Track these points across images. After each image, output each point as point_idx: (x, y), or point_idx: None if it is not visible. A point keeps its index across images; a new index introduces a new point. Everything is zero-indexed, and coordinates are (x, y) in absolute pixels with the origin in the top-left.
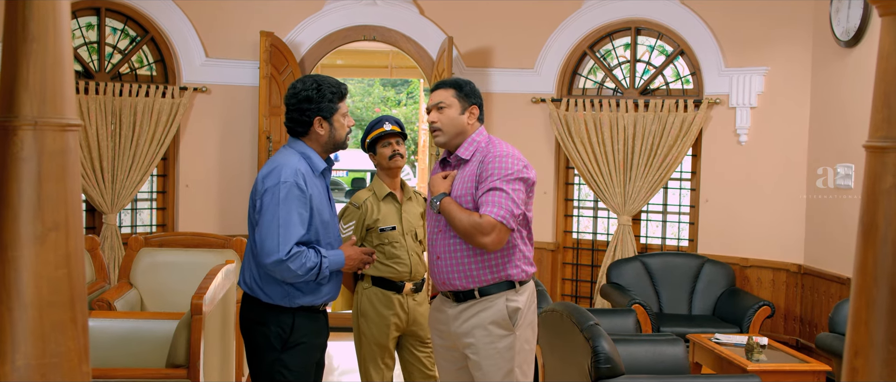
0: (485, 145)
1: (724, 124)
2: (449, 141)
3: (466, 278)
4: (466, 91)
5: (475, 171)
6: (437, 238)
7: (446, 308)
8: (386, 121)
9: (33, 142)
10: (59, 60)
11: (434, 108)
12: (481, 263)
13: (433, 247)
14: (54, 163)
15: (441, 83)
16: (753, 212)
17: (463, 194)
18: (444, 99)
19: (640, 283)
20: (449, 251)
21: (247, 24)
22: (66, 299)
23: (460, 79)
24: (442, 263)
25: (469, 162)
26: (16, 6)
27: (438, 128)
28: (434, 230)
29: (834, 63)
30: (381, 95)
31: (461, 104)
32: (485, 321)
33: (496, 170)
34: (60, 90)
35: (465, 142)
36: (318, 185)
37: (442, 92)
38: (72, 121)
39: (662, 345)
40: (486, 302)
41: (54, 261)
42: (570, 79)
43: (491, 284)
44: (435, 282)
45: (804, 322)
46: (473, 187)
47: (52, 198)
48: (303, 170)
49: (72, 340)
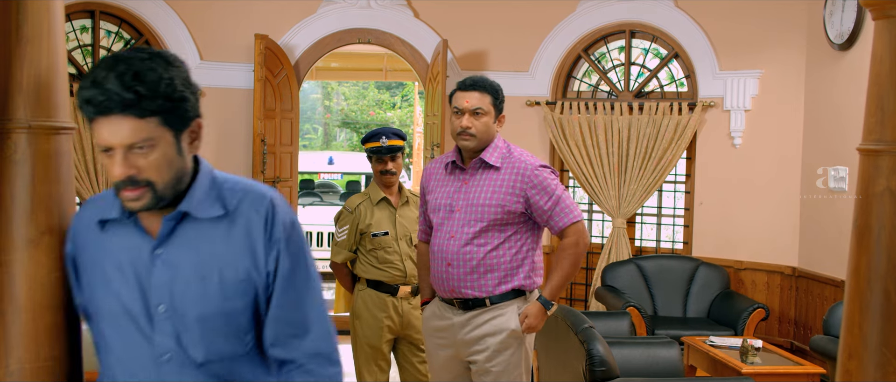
0: (507, 151)
1: (718, 127)
2: (477, 146)
3: (478, 287)
4: (501, 98)
5: (512, 182)
6: (448, 244)
7: (450, 315)
8: (383, 135)
9: (27, 145)
10: (53, 63)
11: (470, 113)
12: (495, 273)
13: (443, 254)
14: (48, 166)
15: (478, 84)
16: (748, 215)
17: (493, 202)
18: (483, 105)
19: (634, 286)
20: (462, 259)
21: (241, 27)
22: (60, 303)
23: (496, 84)
24: (453, 271)
25: (498, 169)
26: (9, 8)
27: (472, 134)
28: (445, 236)
29: (828, 66)
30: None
31: (495, 112)
32: (497, 330)
33: (546, 181)
34: (54, 93)
35: (489, 147)
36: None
37: (480, 96)
38: (66, 124)
39: (657, 348)
40: (498, 311)
41: (48, 265)
42: (565, 82)
43: (502, 293)
44: (438, 288)
45: (798, 325)
46: (510, 196)
47: (46, 202)
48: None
49: (66, 344)
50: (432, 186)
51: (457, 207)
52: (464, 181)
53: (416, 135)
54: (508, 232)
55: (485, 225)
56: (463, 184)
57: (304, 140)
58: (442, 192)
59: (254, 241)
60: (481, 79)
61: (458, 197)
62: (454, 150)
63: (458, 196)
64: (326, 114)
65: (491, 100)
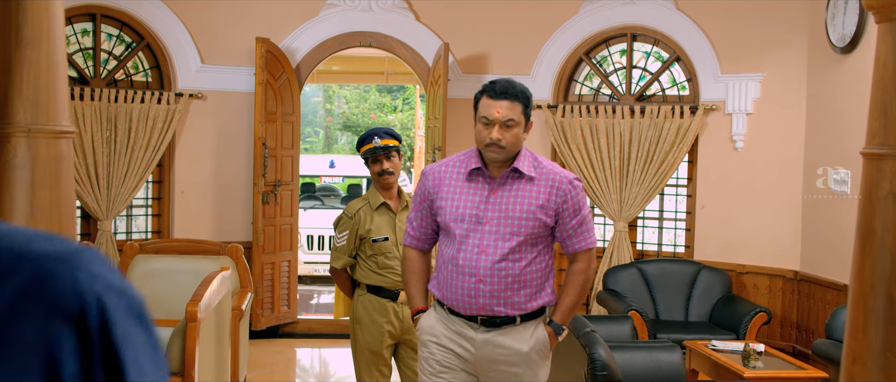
0: (534, 160)
1: (720, 130)
2: (506, 158)
3: (512, 305)
4: (531, 106)
5: (547, 194)
6: (479, 259)
7: (467, 330)
8: (376, 135)
9: (26, 149)
10: (53, 66)
11: (500, 125)
12: (527, 289)
13: (472, 269)
14: (48, 170)
15: (509, 93)
16: (750, 218)
17: (529, 215)
18: (514, 115)
19: (636, 290)
20: (497, 275)
21: (242, 31)
22: None
23: (527, 90)
24: (485, 287)
25: (532, 180)
26: (9, 10)
27: (502, 147)
28: (473, 250)
29: (830, 69)
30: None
31: (525, 120)
32: (528, 349)
33: (579, 198)
34: (54, 96)
35: (519, 156)
36: None
37: (511, 105)
38: (66, 128)
39: (659, 352)
40: (525, 332)
41: None
42: (566, 86)
43: (531, 312)
44: (458, 304)
45: (800, 329)
46: (545, 209)
47: (46, 206)
48: None
49: None
50: (446, 193)
51: (486, 219)
52: (492, 190)
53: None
54: (540, 246)
55: (522, 240)
56: (491, 193)
57: (305, 143)
58: (464, 201)
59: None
60: (511, 86)
61: (487, 207)
62: (473, 155)
63: (486, 206)
64: (328, 117)
65: (522, 109)
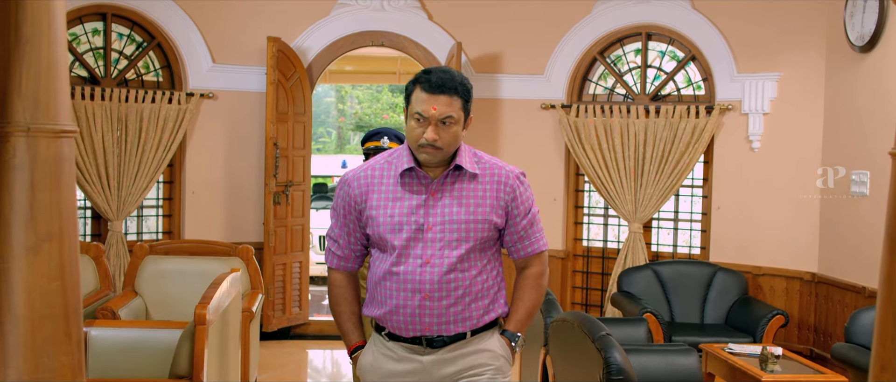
0: (473, 154)
1: (736, 130)
2: (442, 160)
3: (463, 320)
4: (471, 98)
5: (494, 191)
6: (423, 272)
7: (415, 355)
8: (386, 135)
9: (26, 149)
10: (54, 64)
11: (437, 122)
12: (481, 301)
13: (415, 284)
14: (48, 170)
15: (447, 86)
16: (766, 220)
17: (478, 217)
18: (454, 113)
19: (651, 292)
20: (446, 289)
21: (254, 30)
22: (60, 312)
23: (467, 81)
24: (432, 305)
25: (475, 177)
26: (8, 7)
27: (438, 148)
28: (415, 262)
29: (848, 69)
30: (389, 101)
31: (464, 116)
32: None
33: (527, 195)
34: (55, 95)
35: (459, 152)
36: None
37: (450, 101)
38: (67, 127)
39: (675, 355)
40: (480, 342)
41: (48, 273)
42: (581, 85)
43: (484, 325)
44: (399, 327)
45: (818, 332)
46: (494, 209)
47: (46, 208)
48: None
49: (66, 354)
50: (377, 200)
51: (428, 225)
52: (431, 193)
53: None
54: (489, 252)
55: (471, 246)
56: (430, 196)
57: (317, 143)
58: (400, 207)
59: None
60: (450, 78)
61: (428, 212)
62: (404, 154)
63: (426, 211)
64: (340, 117)
65: (461, 104)
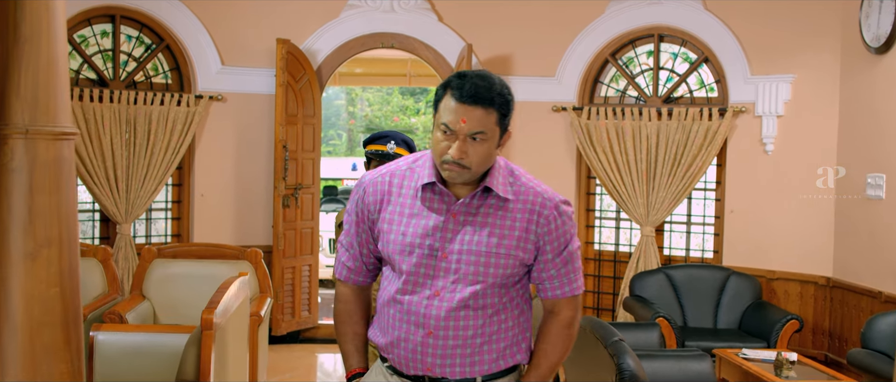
0: (509, 174)
1: (749, 133)
2: (469, 180)
3: (470, 364)
4: (510, 112)
5: (525, 221)
6: (429, 304)
7: None
8: (392, 139)
9: (24, 151)
10: (53, 64)
11: (466, 138)
12: (494, 345)
13: (419, 317)
14: (47, 173)
15: (482, 97)
16: (780, 223)
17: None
18: (486, 127)
19: (663, 296)
20: (452, 327)
21: (263, 32)
22: (59, 319)
23: (507, 92)
24: (436, 342)
25: (506, 202)
26: (7, 6)
27: (465, 166)
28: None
29: (864, 70)
30: (400, 104)
31: (499, 132)
32: None
33: (567, 227)
34: (54, 96)
35: (491, 170)
36: None
37: (485, 114)
38: (67, 129)
39: (688, 361)
40: None
41: (47, 279)
42: (592, 88)
43: (499, 371)
44: (399, 360)
45: (833, 337)
46: (524, 243)
47: (45, 212)
48: None
49: (65, 363)
50: (391, 213)
51: (443, 252)
52: (453, 214)
53: None
54: (515, 288)
55: (490, 283)
56: (451, 217)
57: (328, 146)
58: (414, 226)
59: None
60: (486, 87)
61: (446, 235)
62: (428, 164)
63: (443, 235)
64: (350, 120)
65: (497, 118)
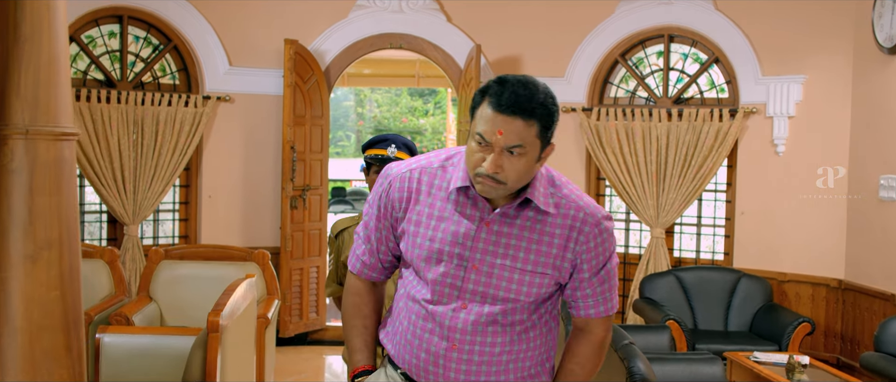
0: (551, 184)
1: (760, 134)
2: (505, 194)
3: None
4: (554, 124)
5: (564, 237)
6: (455, 316)
7: None
8: (393, 142)
9: (24, 152)
10: (54, 64)
11: (502, 151)
12: (520, 364)
13: (443, 328)
14: (48, 174)
15: (523, 108)
16: (791, 225)
17: (538, 269)
18: (525, 140)
19: (673, 298)
20: (479, 343)
21: (271, 32)
22: (60, 323)
23: (550, 102)
24: (458, 356)
25: (546, 216)
26: (7, 6)
27: (501, 181)
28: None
29: (877, 71)
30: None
31: (541, 145)
32: None
33: (608, 245)
34: (55, 96)
35: (532, 182)
36: None
37: (526, 126)
38: (67, 129)
39: (699, 364)
40: None
41: (47, 282)
42: (602, 88)
43: None
44: (414, 369)
45: (845, 340)
46: (562, 260)
47: (45, 214)
48: None
49: (65, 368)
50: (419, 214)
51: (473, 263)
52: (486, 223)
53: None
54: (545, 307)
55: (523, 301)
56: (485, 227)
57: (336, 147)
58: (443, 231)
59: None
60: (527, 97)
61: (477, 246)
62: (462, 164)
63: (474, 245)
64: (359, 121)
65: (538, 130)
